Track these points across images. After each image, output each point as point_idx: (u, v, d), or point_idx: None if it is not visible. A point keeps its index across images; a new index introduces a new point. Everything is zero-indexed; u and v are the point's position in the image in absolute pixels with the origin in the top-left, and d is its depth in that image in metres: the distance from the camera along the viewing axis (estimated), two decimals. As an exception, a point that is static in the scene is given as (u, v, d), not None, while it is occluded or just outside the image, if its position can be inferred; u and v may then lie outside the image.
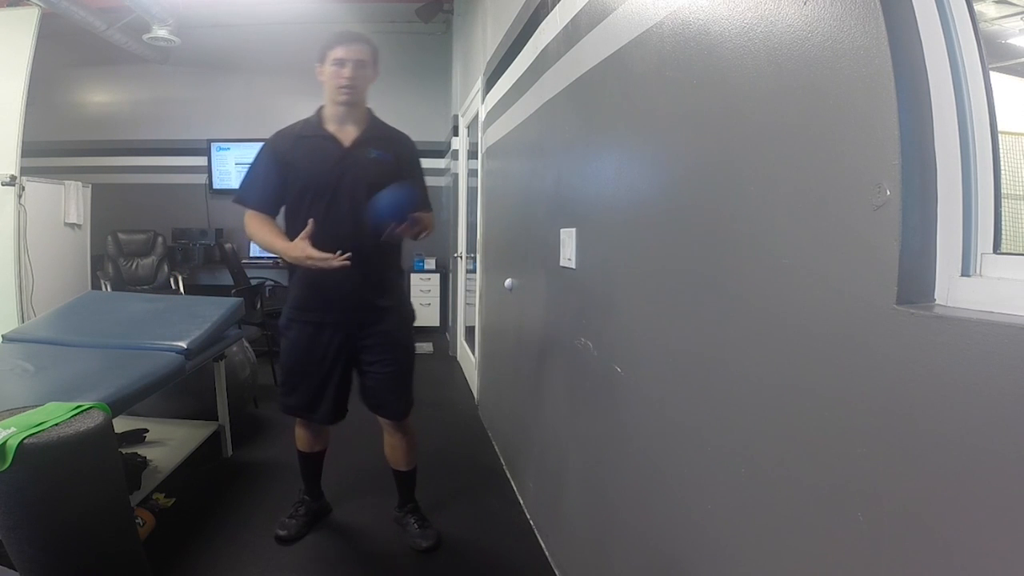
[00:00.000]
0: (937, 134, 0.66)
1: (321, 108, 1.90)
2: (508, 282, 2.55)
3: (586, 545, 1.67)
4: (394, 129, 1.99)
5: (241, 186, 1.92)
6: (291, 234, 1.82)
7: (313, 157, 1.84)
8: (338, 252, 1.70)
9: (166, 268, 5.40)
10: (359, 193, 1.80)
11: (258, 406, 3.45)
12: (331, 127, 1.86)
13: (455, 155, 4.78)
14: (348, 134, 1.86)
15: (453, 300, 4.85)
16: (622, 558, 1.41)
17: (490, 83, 3.11)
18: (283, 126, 1.92)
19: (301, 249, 1.71)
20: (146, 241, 5.42)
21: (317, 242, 1.73)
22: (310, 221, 1.74)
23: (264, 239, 1.84)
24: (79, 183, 4.57)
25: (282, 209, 1.91)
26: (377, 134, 1.91)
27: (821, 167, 0.77)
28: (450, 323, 5.03)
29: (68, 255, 4.48)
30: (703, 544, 1.05)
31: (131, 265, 5.36)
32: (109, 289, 4.94)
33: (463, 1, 4.50)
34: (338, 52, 1.79)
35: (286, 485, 2.44)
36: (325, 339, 1.91)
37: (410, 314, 2.06)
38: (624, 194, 1.40)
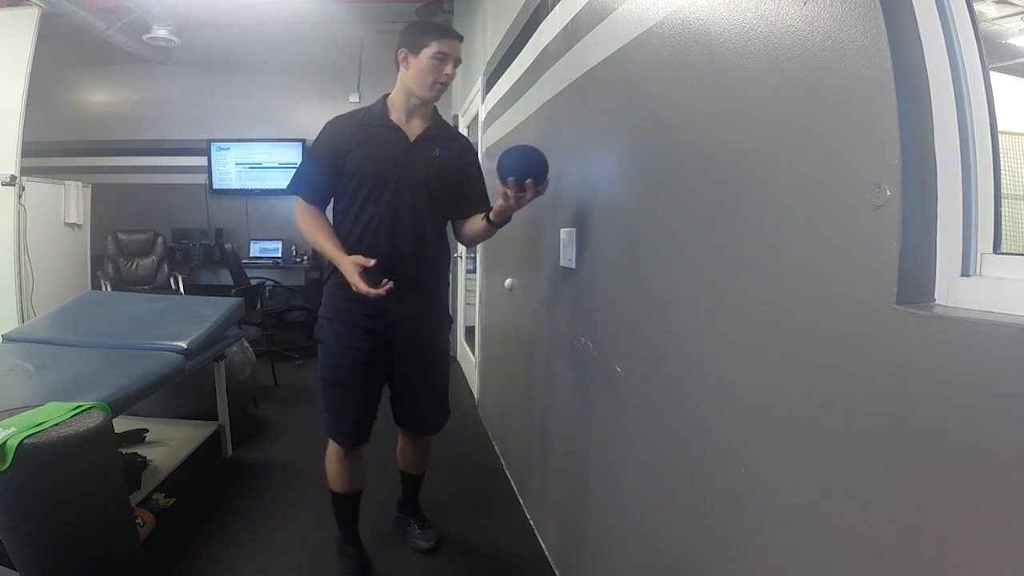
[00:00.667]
0: (937, 134, 0.66)
1: (386, 97, 1.80)
2: (508, 282, 2.55)
3: (586, 545, 1.67)
4: (455, 129, 1.92)
5: (295, 175, 1.83)
6: (340, 228, 1.77)
7: (377, 147, 1.75)
8: (385, 281, 1.61)
9: (166, 268, 5.40)
10: (420, 188, 1.75)
11: (258, 406, 3.45)
12: (396, 118, 1.77)
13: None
14: (413, 128, 1.78)
15: (453, 300, 4.85)
16: (622, 558, 1.41)
17: (490, 83, 3.11)
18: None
19: (351, 274, 1.63)
20: (146, 241, 5.42)
21: (376, 237, 1.71)
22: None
23: (316, 240, 1.76)
24: (79, 183, 4.58)
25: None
26: (441, 132, 1.84)
27: (821, 167, 0.77)
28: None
29: (68, 255, 4.48)
30: (704, 544, 1.05)
31: (131, 265, 5.36)
32: (109, 289, 4.94)
33: (463, 1, 4.50)
34: (443, 46, 1.69)
35: (286, 485, 2.44)
36: (372, 341, 1.78)
37: (450, 321, 1.96)
38: (624, 194, 1.40)
